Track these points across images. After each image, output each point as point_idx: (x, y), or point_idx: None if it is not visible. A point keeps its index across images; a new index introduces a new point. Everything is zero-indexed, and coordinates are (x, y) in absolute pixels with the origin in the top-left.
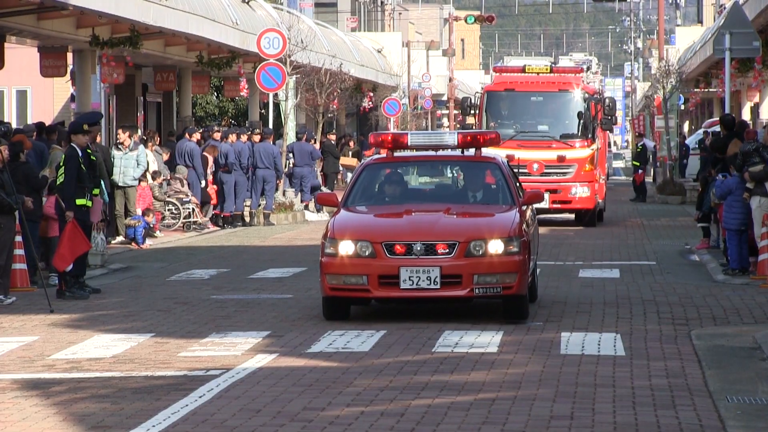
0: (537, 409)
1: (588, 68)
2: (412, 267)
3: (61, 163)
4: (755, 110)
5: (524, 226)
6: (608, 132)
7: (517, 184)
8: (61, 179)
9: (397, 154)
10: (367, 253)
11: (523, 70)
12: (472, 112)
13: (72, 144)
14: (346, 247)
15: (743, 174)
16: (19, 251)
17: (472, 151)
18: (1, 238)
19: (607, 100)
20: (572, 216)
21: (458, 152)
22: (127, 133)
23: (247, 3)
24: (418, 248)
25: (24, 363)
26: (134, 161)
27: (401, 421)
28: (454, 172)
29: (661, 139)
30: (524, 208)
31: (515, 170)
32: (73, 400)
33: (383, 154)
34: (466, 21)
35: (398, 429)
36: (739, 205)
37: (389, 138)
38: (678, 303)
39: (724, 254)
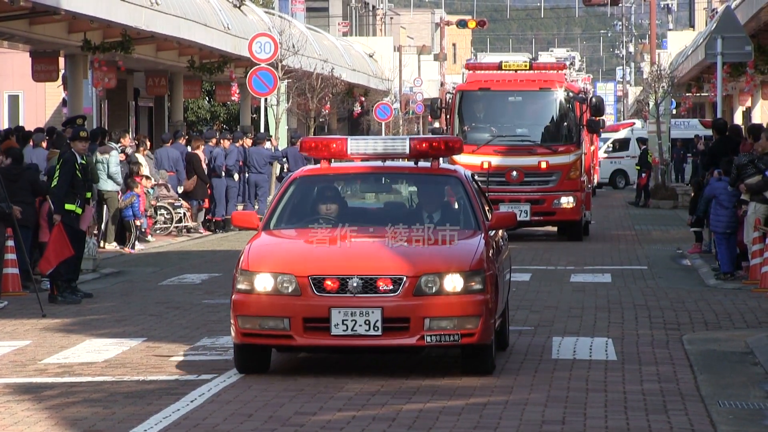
0: (528, 413)
1: (571, 64)
2: (347, 308)
3: (57, 166)
4: (747, 114)
5: (490, 256)
6: (596, 135)
7: (483, 202)
8: (54, 182)
9: (335, 164)
10: (289, 290)
11: (499, 66)
12: (442, 115)
13: (72, 150)
14: (264, 282)
15: (737, 186)
16: (11, 255)
17: (435, 163)
18: None
19: (593, 100)
20: (555, 229)
21: (412, 163)
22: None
23: (239, 7)
24: (355, 284)
25: (16, 367)
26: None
27: (392, 426)
28: (405, 187)
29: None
30: (492, 233)
31: (486, 179)
32: (65, 404)
33: (319, 164)
34: (458, 26)
35: None
36: (722, 208)
37: (324, 144)
38: (670, 307)
39: (715, 259)
